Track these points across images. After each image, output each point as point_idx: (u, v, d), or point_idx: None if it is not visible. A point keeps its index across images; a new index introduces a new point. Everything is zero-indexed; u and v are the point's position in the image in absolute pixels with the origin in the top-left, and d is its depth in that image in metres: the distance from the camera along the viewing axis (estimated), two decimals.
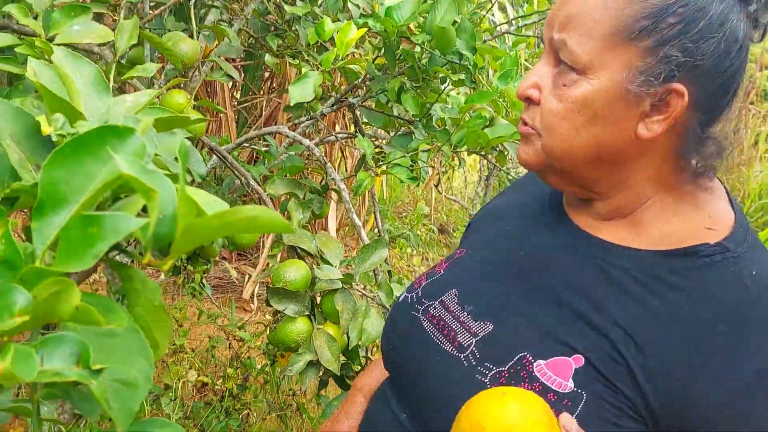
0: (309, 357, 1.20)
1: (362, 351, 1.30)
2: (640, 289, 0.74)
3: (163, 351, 0.52)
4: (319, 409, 2.43)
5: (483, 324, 0.81)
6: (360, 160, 1.50)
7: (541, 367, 0.74)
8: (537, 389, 0.73)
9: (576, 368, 0.73)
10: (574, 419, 0.70)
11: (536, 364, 0.75)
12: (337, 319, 1.22)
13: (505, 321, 0.81)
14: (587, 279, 0.78)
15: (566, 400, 0.72)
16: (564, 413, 0.71)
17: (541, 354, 0.75)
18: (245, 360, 2.47)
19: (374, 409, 0.95)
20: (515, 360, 0.76)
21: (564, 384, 0.73)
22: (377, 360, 1.04)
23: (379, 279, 1.34)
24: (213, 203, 0.49)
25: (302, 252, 1.31)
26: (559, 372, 0.73)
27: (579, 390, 0.72)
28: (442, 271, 0.92)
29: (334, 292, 1.23)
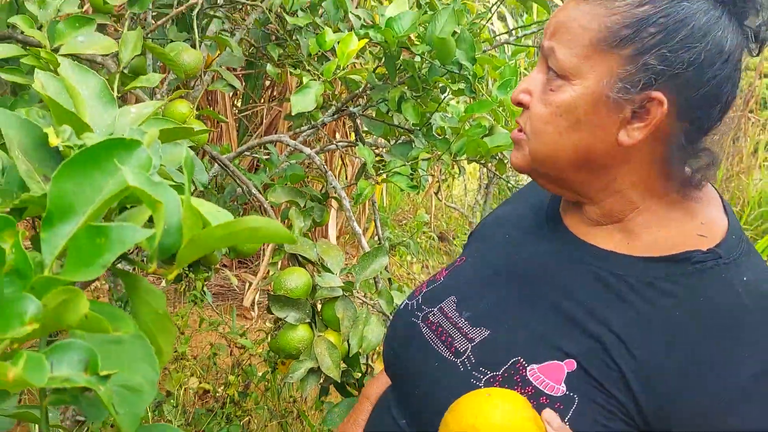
0: (310, 364, 1.21)
1: (363, 358, 1.31)
2: (633, 295, 0.75)
3: (167, 358, 0.53)
4: (320, 416, 2.43)
5: (479, 330, 0.83)
6: (360, 169, 1.51)
7: (534, 371, 0.76)
8: (530, 393, 0.74)
9: (568, 372, 0.75)
10: (556, 414, 0.72)
11: (529, 369, 0.76)
12: (338, 327, 1.23)
13: (501, 327, 0.82)
14: (581, 285, 0.79)
15: (558, 404, 0.73)
16: (546, 409, 0.72)
17: (535, 358, 0.77)
18: (246, 367, 2.48)
19: (376, 415, 0.96)
20: (509, 364, 0.77)
21: (556, 388, 0.74)
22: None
23: (380, 287, 1.35)
24: (217, 213, 0.50)
25: (303, 260, 1.32)
26: (552, 376, 0.75)
27: (571, 393, 0.73)
28: (442, 279, 0.94)
29: (335, 300, 1.24)
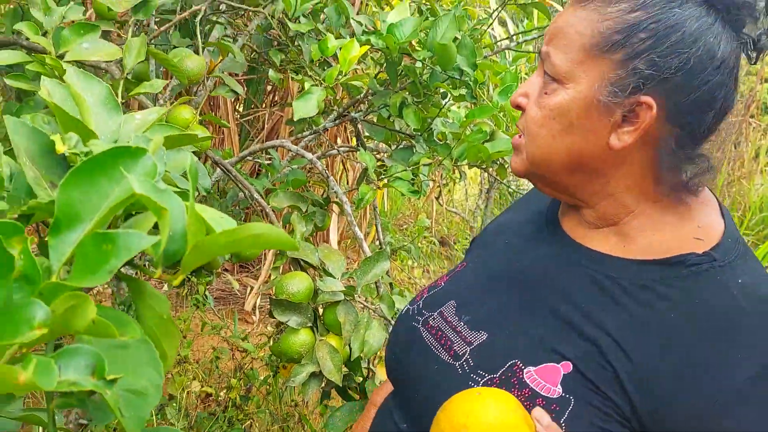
0: (311, 368, 1.22)
1: (364, 362, 1.32)
2: (627, 298, 0.76)
3: (171, 362, 0.54)
4: (321, 420, 2.44)
5: (478, 333, 0.84)
6: (362, 174, 1.52)
7: (531, 374, 0.77)
8: (527, 395, 0.75)
9: (564, 374, 0.75)
10: (546, 413, 0.73)
11: (526, 371, 0.77)
12: (340, 331, 1.24)
13: (499, 330, 0.83)
14: (578, 288, 0.80)
15: (555, 405, 0.74)
16: (537, 408, 0.73)
17: (532, 361, 0.78)
18: (248, 371, 2.49)
19: (378, 421, 0.97)
20: (506, 367, 0.78)
21: (552, 390, 0.75)
22: None
23: (381, 291, 1.35)
24: (220, 220, 0.51)
25: (305, 264, 1.33)
26: (548, 378, 0.76)
27: (567, 395, 0.74)
28: (443, 284, 0.95)
29: (337, 304, 1.25)
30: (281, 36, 1.71)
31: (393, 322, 1.27)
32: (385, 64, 1.39)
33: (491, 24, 1.73)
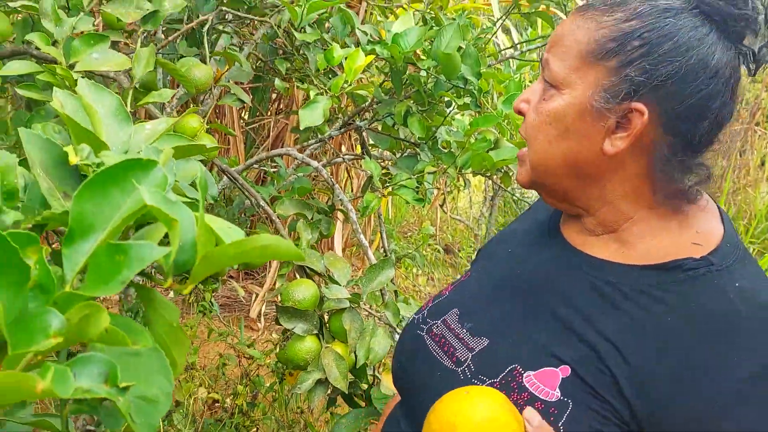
0: (317, 375, 1.23)
1: (370, 369, 1.32)
2: (627, 303, 0.77)
3: (181, 369, 0.55)
4: (327, 427, 2.45)
5: (479, 339, 0.85)
6: (367, 182, 1.53)
7: (530, 378, 0.78)
8: (525, 398, 0.77)
9: (563, 378, 0.77)
10: (536, 413, 0.74)
11: (525, 375, 0.78)
12: (345, 338, 1.25)
13: (500, 336, 0.84)
14: (579, 292, 0.81)
15: (553, 408, 0.75)
16: (527, 408, 0.75)
17: (531, 365, 0.79)
18: (254, 378, 2.50)
19: (386, 430, 0.98)
20: (506, 372, 0.80)
21: (551, 393, 0.76)
22: None
23: (386, 298, 1.36)
24: (229, 230, 0.52)
25: (310, 271, 1.34)
26: (547, 382, 0.77)
27: (565, 399, 0.75)
28: (447, 294, 0.97)
29: (342, 312, 1.26)
30: (287, 45, 1.73)
31: (398, 330, 1.28)
32: (390, 73, 1.40)
33: (495, 33, 1.74)
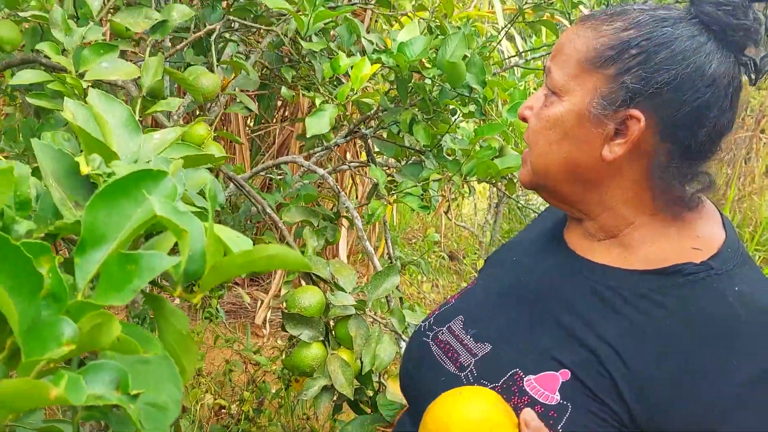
0: (323, 382, 1.23)
1: (375, 376, 1.33)
2: (628, 307, 0.78)
3: (190, 376, 0.56)
4: None
5: (482, 345, 0.87)
6: (372, 189, 1.54)
7: (531, 382, 0.79)
8: (525, 402, 0.78)
9: (563, 382, 0.77)
10: (535, 414, 0.75)
11: (526, 379, 0.79)
12: (351, 345, 1.25)
13: (503, 342, 0.86)
14: (580, 298, 0.82)
15: (552, 412, 0.76)
16: (526, 409, 0.76)
17: (532, 369, 0.80)
18: (260, 384, 2.50)
19: None
20: (507, 376, 0.81)
21: (550, 397, 0.77)
22: None
23: (392, 305, 1.37)
24: (237, 240, 0.53)
25: (316, 278, 1.35)
26: (547, 385, 0.78)
27: (565, 402, 0.76)
28: (453, 301, 0.98)
29: (348, 318, 1.26)
30: (292, 53, 1.74)
31: (404, 337, 1.28)
32: (396, 82, 1.41)
33: (500, 41, 1.75)
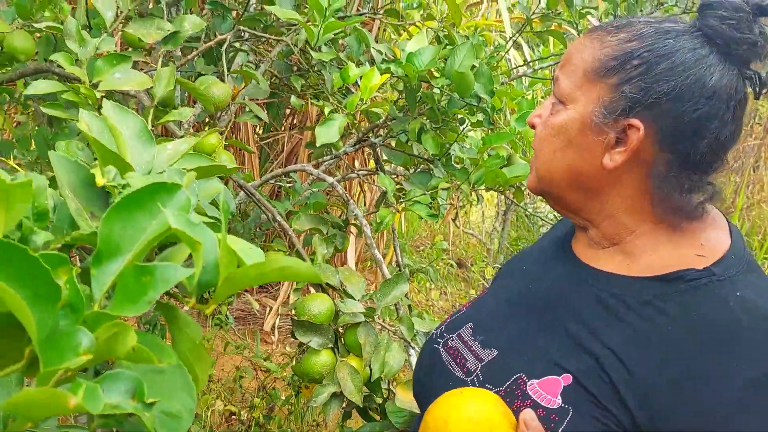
0: (332, 389, 1.24)
1: (384, 383, 1.34)
2: (631, 314, 0.79)
3: (203, 385, 0.57)
4: None
5: (489, 351, 0.88)
6: (380, 197, 1.55)
7: (534, 386, 0.80)
8: (528, 405, 0.79)
9: (564, 386, 0.78)
10: (534, 415, 0.76)
11: (529, 383, 0.81)
12: (360, 352, 1.26)
13: (509, 348, 0.87)
14: (586, 306, 0.83)
15: (554, 415, 0.77)
16: (527, 409, 0.77)
17: (535, 374, 0.81)
18: (270, 390, 2.51)
19: None
20: (512, 380, 0.82)
21: (552, 400, 0.78)
22: None
23: (401, 313, 1.37)
24: (249, 251, 0.54)
25: (325, 285, 1.36)
26: (549, 390, 0.79)
27: (566, 406, 0.77)
28: (464, 310, 1.00)
29: (357, 326, 1.27)
30: (302, 62, 1.76)
31: (412, 344, 1.29)
32: (405, 91, 1.42)
33: (508, 50, 1.76)
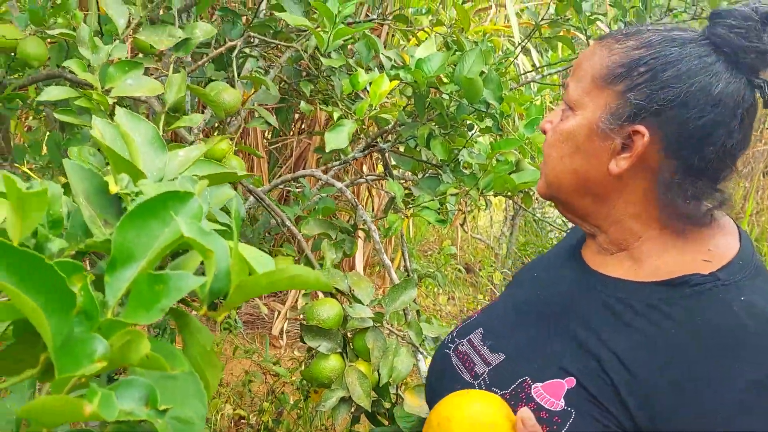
0: (341, 393, 1.25)
1: (392, 388, 1.34)
2: (640, 319, 0.79)
3: (213, 391, 0.57)
4: None
5: (497, 355, 0.89)
6: (389, 202, 1.55)
7: (538, 389, 0.81)
8: (532, 408, 0.79)
9: (568, 389, 0.79)
10: (531, 414, 0.77)
11: (534, 387, 0.82)
12: (369, 357, 1.26)
13: (516, 352, 0.88)
14: (594, 314, 0.84)
15: (556, 417, 0.78)
16: (524, 408, 0.78)
17: (540, 377, 0.82)
18: (279, 395, 2.52)
19: None
20: (517, 384, 0.83)
21: (556, 403, 0.79)
22: None
23: (409, 318, 1.38)
24: (261, 259, 0.54)
25: (334, 290, 1.36)
26: (553, 392, 0.80)
27: (569, 408, 0.78)
28: (476, 316, 1.01)
29: (366, 331, 1.28)
30: (311, 67, 1.76)
31: (421, 349, 1.29)
32: (413, 97, 1.43)
33: (517, 55, 1.76)
